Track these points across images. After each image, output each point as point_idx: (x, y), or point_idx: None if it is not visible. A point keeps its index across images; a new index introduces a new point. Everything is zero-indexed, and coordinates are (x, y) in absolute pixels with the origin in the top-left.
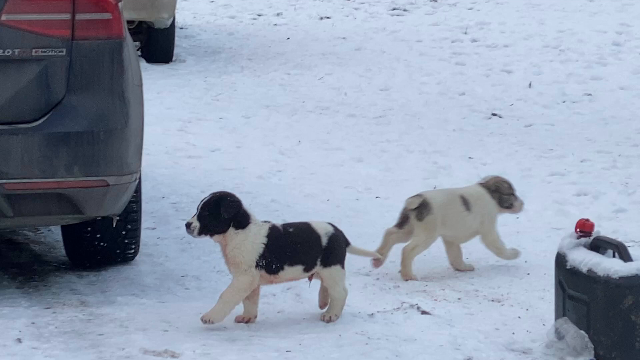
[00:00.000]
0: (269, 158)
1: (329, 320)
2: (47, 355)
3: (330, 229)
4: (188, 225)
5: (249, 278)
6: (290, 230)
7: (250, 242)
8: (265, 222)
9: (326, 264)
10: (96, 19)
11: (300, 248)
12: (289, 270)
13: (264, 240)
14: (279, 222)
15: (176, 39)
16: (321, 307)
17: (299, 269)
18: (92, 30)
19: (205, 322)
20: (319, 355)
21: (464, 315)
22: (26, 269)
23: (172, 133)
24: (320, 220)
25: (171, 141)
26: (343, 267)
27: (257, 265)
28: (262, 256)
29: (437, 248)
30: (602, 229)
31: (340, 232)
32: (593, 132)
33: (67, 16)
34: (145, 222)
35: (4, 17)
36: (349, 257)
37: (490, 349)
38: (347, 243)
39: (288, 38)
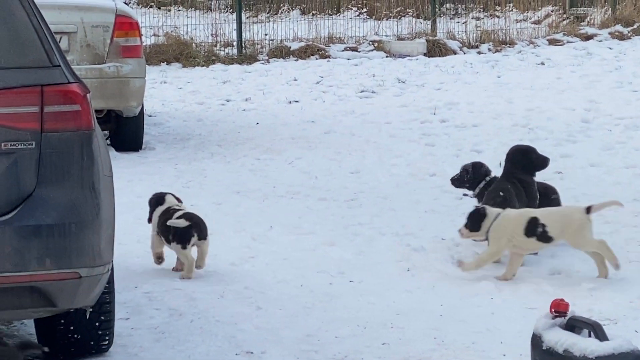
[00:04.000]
0: (241, 244)
1: None
2: None
3: None
4: None
5: None
6: None
7: None
8: None
9: None
10: (65, 110)
11: None
12: None
13: None
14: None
15: (145, 126)
16: None
17: None
18: (61, 122)
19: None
20: None
21: None
22: None
23: (143, 222)
24: None
25: (143, 230)
26: None
27: None
28: None
29: None
30: (577, 308)
31: None
32: None
33: (36, 109)
34: (119, 313)
35: None
36: None
37: None
38: None
39: (257, 123)
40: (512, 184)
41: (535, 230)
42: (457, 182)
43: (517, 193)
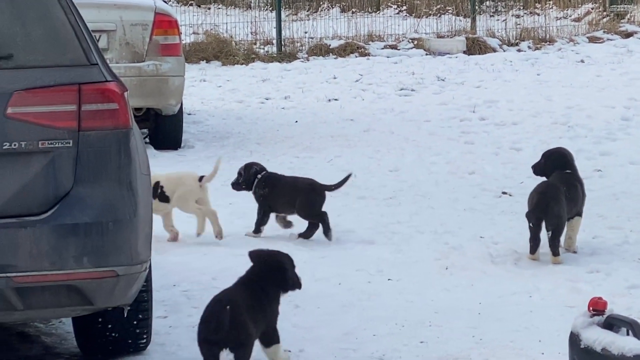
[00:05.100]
0: (279, 243)
1: None
2: None
3: None
4: None
5: None
6: None
7: None
8: None
9: None
10: (102, 109)
11: None
12: None
13: None
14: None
15: (184, 124)
16: None
17: None
18: (98, 120)
19: None
20: None
21: None
22: None
23: (181, 219)
24: None
25: (181, 228)
26: None
27: None
28: None
29: None
30: (616, 306)
31: None
32: (604, 208)
33: (74, 107)
34: (157, 311)
35: (10, 110)
36: None
37: None
38: None
39: (296, 121)
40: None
41: (156, 192)
42: (235, 185)
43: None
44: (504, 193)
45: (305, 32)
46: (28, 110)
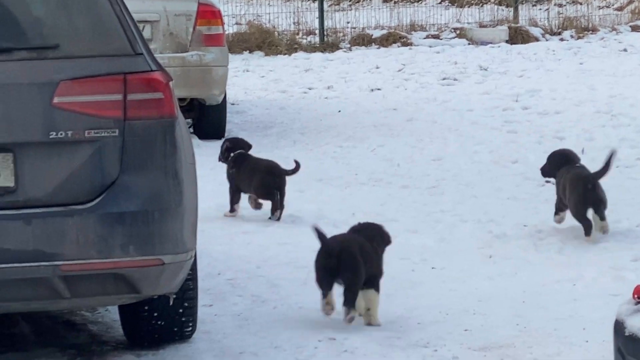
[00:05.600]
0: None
1: None
2: None
3: None
4: None
5: None
6: None
7: None
8: None
9: None
10: (148, 98)
11: None
12: None
13: None
14: None
15: (228, 114)
16: None
17: None
18: (144, 110)
19: None
20: None
21: None
22: (84, 349)
23: (225, 209)
24: None
25: (224, 218)
26: None
27: None
28: None
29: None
30: None
31: None
32: None
33: (119, 97)
34: (202, 300)
35: (56, 100)
36: None
37: None
38: None
39: (339, 111)
40: None
41: None
42: (219, 159)
43: None
44: (547, 181)
45: (348, 22)
46: (74, 100)
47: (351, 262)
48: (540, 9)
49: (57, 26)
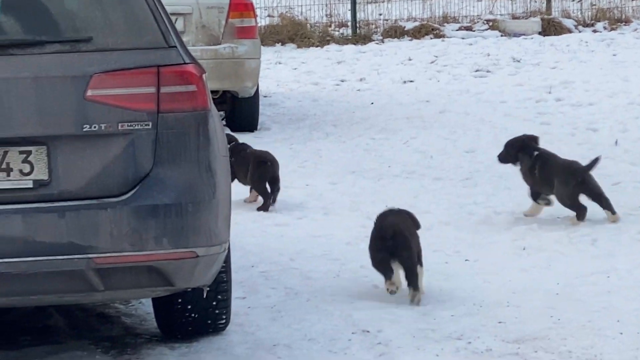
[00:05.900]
0: (356, 224)
1: None
2: None
3: None
4: None
5: None
6: None
7: None
8: None
9: None
10: (181, 91)
11: None
12: None
13: None
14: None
15: (260, 107)
16: None
17: None
18: (177, 102)
19: None
20: None
21: None
22: (118, 342)
23: (259, 202)
24: None
25: (258, 211)
26: None
27: None
28: None
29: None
30: None
31: None
32: None
33: (153, 90)
34: (235, 292)
35: (89, 93)
36: None
37: None
38: None
39: (372, 103)
40: None
41: None
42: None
43: None
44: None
45: (380, 14)
46: (107, 93)
47: (404, 242)
48: (573, 1)
49: (90, 19)
